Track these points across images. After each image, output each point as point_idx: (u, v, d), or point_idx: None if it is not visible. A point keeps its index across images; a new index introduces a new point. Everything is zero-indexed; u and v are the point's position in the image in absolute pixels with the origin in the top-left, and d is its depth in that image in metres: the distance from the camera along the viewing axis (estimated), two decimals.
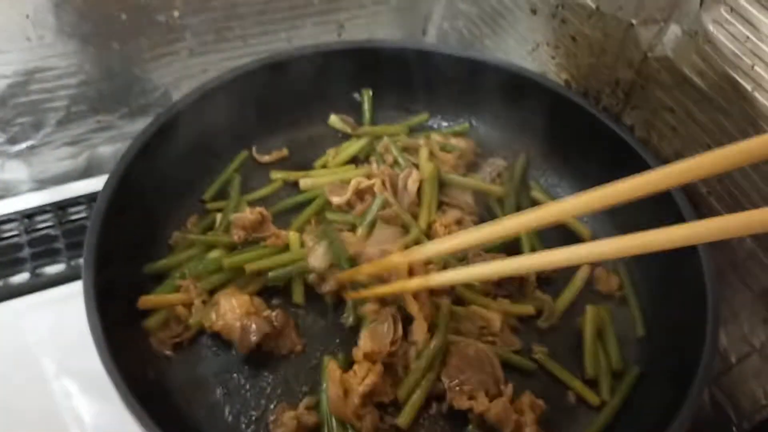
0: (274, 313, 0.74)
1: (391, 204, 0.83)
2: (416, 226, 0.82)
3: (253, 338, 0.72)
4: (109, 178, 0.75)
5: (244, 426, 0.69)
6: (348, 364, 0.71)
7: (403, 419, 0.69)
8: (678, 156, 0.83)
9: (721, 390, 0.85)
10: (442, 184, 0.88)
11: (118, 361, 0.62)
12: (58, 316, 0.83)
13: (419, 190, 0.85)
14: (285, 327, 0.75)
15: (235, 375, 0.73)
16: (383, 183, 0.84)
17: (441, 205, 0.87)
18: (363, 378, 0.68)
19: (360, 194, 0.84)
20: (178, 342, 0.74)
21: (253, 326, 0.72)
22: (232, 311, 0.73)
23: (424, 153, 0.88)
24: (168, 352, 0.73)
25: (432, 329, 0.73)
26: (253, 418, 0.70)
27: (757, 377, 0.80)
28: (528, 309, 0.79)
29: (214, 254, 0.79)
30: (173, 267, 0.78)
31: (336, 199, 0.85)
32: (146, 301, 0.74)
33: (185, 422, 0.68)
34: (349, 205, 0.85)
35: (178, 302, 0.74)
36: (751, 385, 0.81)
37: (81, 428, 0.75)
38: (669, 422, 0.63)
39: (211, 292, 0.76)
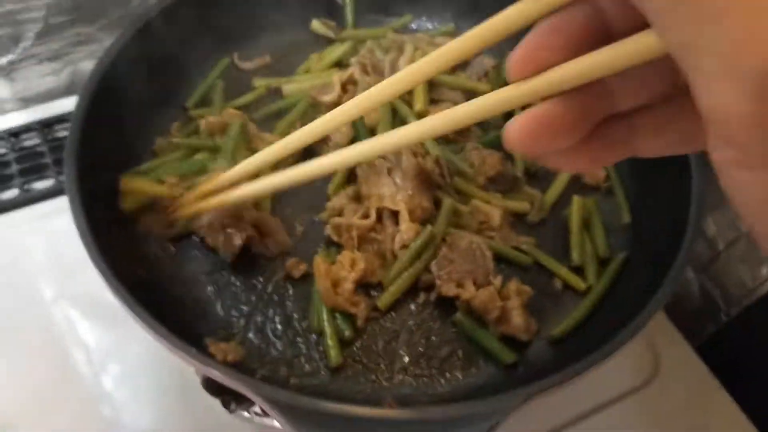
0: (257, 215, 0.74)
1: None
2: (411, 115, 0.81)
3: (237, 242, 0.72)
4: (84, 87, 0.73)
5: (235, 319, 0.70)
6: (334, 259, 0.72)
7: (383, 301, 0.71)
8: None
9: (709, 278, 0.86)
10: (429, 83, 0.87)
11: (108, 259, 0.62)
12: (49, 228, 0.84)
13: None
14: (272, 228, 0.75)
15: (224, 273, 0.74)
16: (365, 69, 0.83)
17: (431, 102, 0.85)
18: (350, 266, 0.69)
19: (345, 87, 0.83)
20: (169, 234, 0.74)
21: (236, 232, 0.72)
22: (215, 217, 0.73)
23: (409, 49, 0.87)
24: (159, 251, 0.74)
25: (426, 222, 0.73)
26: (245, 311, 0.71)
27: (745, 262, 0.81)
28: (524, 205, 0.80)
29: (199, 157, 0.78)
30: (158, 168, 0.77)
31: (326, 98, 0.83)
32: (127, 182, 0.73)
33: (177, 317, 0.68)
34: (339, 103, 0.84)
35: (160, 193, 0.74)
36: (739, 271, 0.82)
37: (74, 333, 0.77)
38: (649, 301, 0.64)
39: None
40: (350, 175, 0.79)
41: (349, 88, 0.84)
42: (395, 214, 0.74)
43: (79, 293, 0.81)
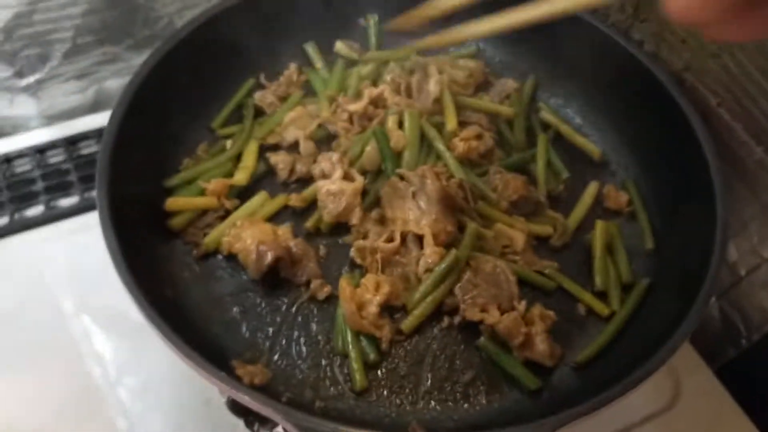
0: (294, 241, 0.75)
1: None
2: (438, 138, 0.82)
3: (267, 260, 0.72)
4: (116, 105, 0.74)
5: (261, 341, 0.71)
6: (358, 282, 0.72)
7: (407, 325, 0.71)
8: (687, 68, 0.82)
9: (730, 303, 0.86)
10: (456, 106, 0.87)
11: (137, 279, 0.63)
12: (73, 245, 0.86)
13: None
14: (303, 256, 0.75)
15: (251, 295, 0.74)
16: (398, 89, 0.84)
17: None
18: (375, 289, 0.70)
19: (374, 103, 0.84)
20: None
21: (269, 250, 0.73)
22: (253, 236, 0.74)
23: (433, 70, 0.88)
24: (185, 271, 0.75)
25: (450, 246, 0.73)
26: (270, 333, 0.71)
27: (766, 288, 0.81)
28: (547, 229, 0.80)
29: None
30: (193, 178, 0.79)
31: (352, 107, 0.84)
32: (173, 202, 0.76)
33: (203, 337, 0.69)
34: (366, 115, 0.85)
35: (206, 205, 0.77)
36: (760, 297, 0.82)
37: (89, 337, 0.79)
38: (675, 331, 0.64)
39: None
40: (374, 199, 0.79)
41: (378, 103, 0.85)
42: (420, 238, 0.74)
43: (100, 309, 0.81)
